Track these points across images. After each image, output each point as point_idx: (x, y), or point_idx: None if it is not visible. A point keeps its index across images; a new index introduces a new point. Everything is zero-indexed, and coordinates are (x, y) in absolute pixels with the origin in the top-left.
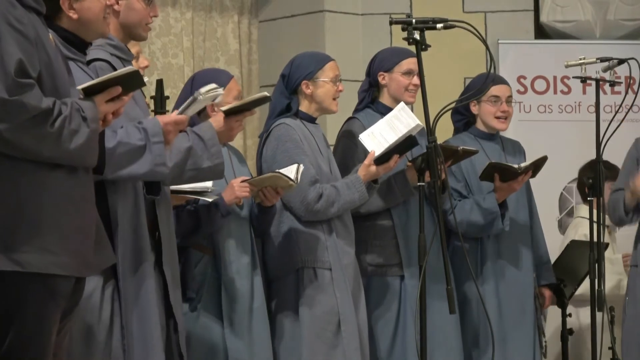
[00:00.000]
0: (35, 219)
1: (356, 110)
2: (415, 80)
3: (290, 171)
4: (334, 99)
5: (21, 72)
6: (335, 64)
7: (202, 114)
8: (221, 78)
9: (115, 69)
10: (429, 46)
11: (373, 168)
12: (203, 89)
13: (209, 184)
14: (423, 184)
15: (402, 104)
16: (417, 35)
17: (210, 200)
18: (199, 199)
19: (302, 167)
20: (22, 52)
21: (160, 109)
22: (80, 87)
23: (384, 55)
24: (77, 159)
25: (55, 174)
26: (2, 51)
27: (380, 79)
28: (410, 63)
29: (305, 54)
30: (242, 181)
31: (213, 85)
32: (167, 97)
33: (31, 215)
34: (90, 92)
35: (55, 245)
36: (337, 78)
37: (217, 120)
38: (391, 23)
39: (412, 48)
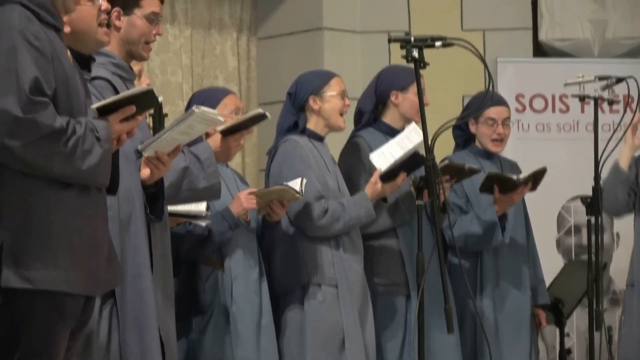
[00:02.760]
0: (45, 236)
1: (358, 129)
2: (427, 100)
3: (296, 184)
4: (341, 115)
5: (36, 90)
6: (341, 79)
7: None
8: (217, 95)
9: (115, 88)
10: (428, 64)
11: (379, 185)
12: (204, 108)
13: (202, 207)
14: (421, 202)
15: (413, 123)
16: (415, 53)
17: (203, 224)
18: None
19: (305, 180)
20: (38, 68)
21: (158, 126)
22: (93, 106)
23: (395, 74)
24: (89, 178)
25: (67, 191)
26: (18, 68)
27: (392, 97)
28: (423, 83)
29: (310, 72)
30: (249, 193)
31: (215, 112)
32: (166, 115)
33: (42, 232)
34: (104, 112)
35: (66, 263)
36: (344, 93)
37: (214, 140)
38: (390, 41)
39: (411, 65)
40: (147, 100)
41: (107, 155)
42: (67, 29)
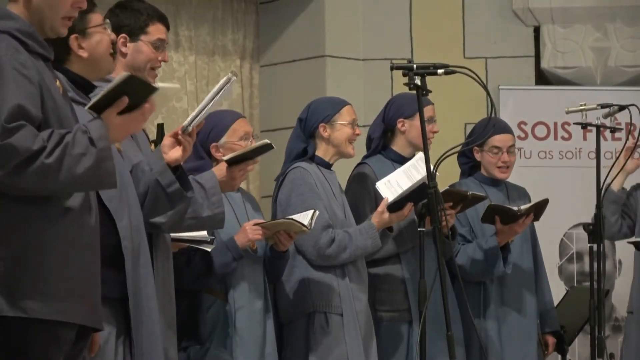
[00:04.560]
0: (40, 266)
1: (366, 156)
2: (435, 127)
3: (306, 217)
4: (351, 143)
5: (18, 116)
6: (352, 108)
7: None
8: (226, 119)
9: None
10: (430, 92)
11: (386, 215)
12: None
13: (205, 232)
14: (423, 229)
15: (420, 153)
16: (418, 81)
17: (208, 249)
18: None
19: (317, 213)
20: (24, 94)
21: None
22: (86, 107)
23: (403, 102)
24: (91, 182)
25: (62, 221)
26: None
27: (399, 125)
28: (429, 110)
29: (323, 99)
30: (255, 224)
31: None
32: None
33: (36, 261)
34: (99, 111)
35: (60, 292)
36: (354, 122)
37: (219, 169)
38: (392, 68)
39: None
40: (135, 86)
41: (105, 154)
42: (84, 54)
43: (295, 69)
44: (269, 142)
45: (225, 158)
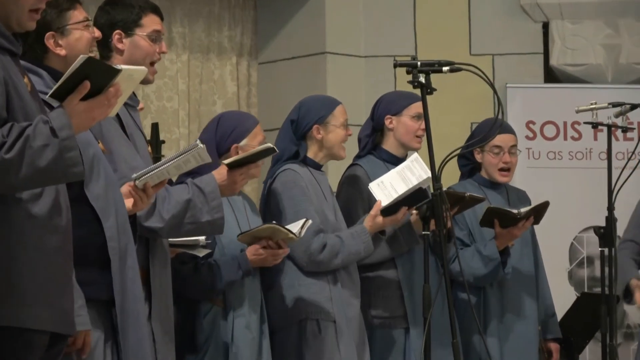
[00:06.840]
0: (7, 271)
1: (358, 157)
2: (422, 125)
3: (296, 225)
4: (342, 144)
5: None
6: (344, 108)
7: None
8: (247, 122)
9: (119, 117)
10: (435, 90)
11: (379, 219)
12: (203, 145)
13: (201, 237)
14: (428, 232)
15: (415, 154)
16: (422, 79)
17: (201, 255)
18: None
19: (309, 222)
20: None
21: (155, 153)
22: (47, 96)
23: (391, 98)
24: (56, 174)
25: (28, 224)
26: None
27: (387, 122)
28: (419, 107)
29: (313, 98)
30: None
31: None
32: (163, 142)
33: (3, 267)
34: (62, 98)
35: (29, 298)
36: (346, 122)
37: (220, 173)
38: (395, 66)
39: (417, 91)
40: (96, 69)
41: (68, 143)
42: (62, 52)
43: (295, 67)
44: (271, 145)
45: (226, 162)
